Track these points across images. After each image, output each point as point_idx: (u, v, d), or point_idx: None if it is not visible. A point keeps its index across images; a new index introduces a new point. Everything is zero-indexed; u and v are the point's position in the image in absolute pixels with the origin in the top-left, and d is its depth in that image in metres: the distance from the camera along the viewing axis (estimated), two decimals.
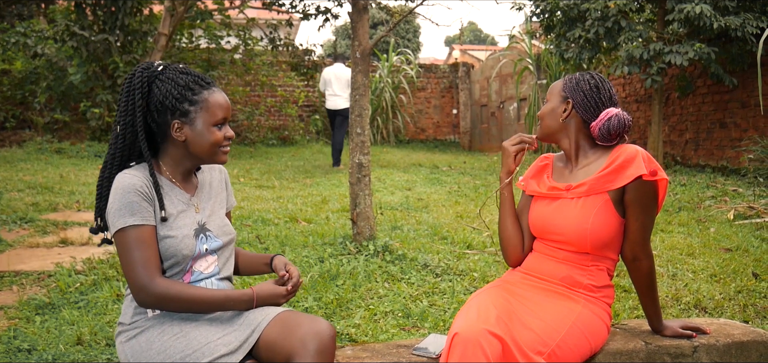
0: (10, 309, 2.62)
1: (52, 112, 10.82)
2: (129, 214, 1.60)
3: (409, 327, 2.50)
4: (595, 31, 7.75)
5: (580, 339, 1.76)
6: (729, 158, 8.14)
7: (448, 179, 7.90)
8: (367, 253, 3.55)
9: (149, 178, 1.67)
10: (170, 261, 1.66)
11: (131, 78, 1.69)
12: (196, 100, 1.68)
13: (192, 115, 1.68)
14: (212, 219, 1.78)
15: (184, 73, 1.71)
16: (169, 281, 1.60)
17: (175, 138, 1.69)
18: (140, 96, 1.66)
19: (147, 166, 1.70)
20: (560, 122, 1.94)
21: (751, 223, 4.73)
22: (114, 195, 1.62)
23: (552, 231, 1.90)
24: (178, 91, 1.67)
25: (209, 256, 1.74)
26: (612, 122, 1.85)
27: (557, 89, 1.96)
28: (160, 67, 1.72)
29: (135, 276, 1.57)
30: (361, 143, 3.72)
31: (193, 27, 11.97)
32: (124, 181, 1.63)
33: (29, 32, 10.32)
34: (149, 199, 1.64)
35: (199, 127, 1.68)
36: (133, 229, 1.59)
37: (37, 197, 5.41)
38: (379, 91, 15.13)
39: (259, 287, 1.68)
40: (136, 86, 1.67)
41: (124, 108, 1.68)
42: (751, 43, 7.10)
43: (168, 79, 1.69)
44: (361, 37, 3.78)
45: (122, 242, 1.59)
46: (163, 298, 1.57)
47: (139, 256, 1.58)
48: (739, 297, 2.98)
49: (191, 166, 1.77)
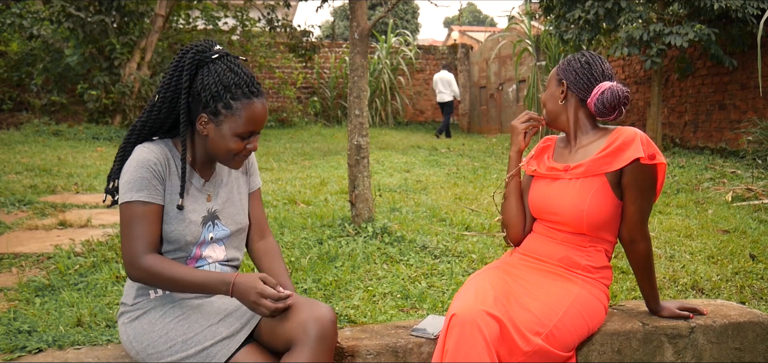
0: (10, 291, 2.63)
1: (49, 94, 10.77)
2: (137, 189, 1.59)
3: (408, 308, 2.52)
4: (594, 11, 7.71)
5: (577, 320, 1.77)
6: (728, 140, 8.14)
7: (446, 161, 7.90)
8: (365, 234, 3.55)
9: (167, 155, 1.66)
10: (173, 244, 1.67)
11: (183, 54, 1.65)
12: (231, 104, 1.62)
13: (221, 117, 1.63)
14: (226, 207, 1.77)
15: (234, 72, 1.63)
16: (158, 258, 1.59)
17: (198, 128, 1.67)
18: (187, 77, 1.62)
19: (169, 142, 1.69)
20: (559, 105, 1.94)
21: (749, 205, 4.74)
22: (129, 165, 1.62)
23: (550, 211, 1.90)
24: (217, 89, 1.61)
25: (215, 244, 1.74)
26: (605, 95, 1.84)
27: (553, 74, 1.98)
28: (216, 55, 1.65)
29: (128, 248, 1.58)
30: (359, 125, 3.71)
31: (190, 8, 11.88)
32: (142, 154, 1.62)
33: (25, 13, 10.24)
34: (160, 178, 1.63)
35: (223, 130, 1.64)
36: (139, 204, 1.59)
37: (35, 179, 5.39)
38: (378, 73, 15.06)
39: (240, 278, 1.57)
40: (185, 65, 1.63)
41: (169, 83, 1.65)
42: (751, 24, 7.07)
43: (215, 71, 1.62)
44: (360, 18, 3.75)
45: (126, 214, 1.60)
46: (148, 274, 1.57)
47: (138, 230, 1.58)
48: (736, 278, 3.00)
49: (211, 159, 1.75)
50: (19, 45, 11.04)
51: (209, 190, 1.75)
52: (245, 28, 12.36)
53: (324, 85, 15.24)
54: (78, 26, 9.67)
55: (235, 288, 1.56)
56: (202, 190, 1.74)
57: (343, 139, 10.64)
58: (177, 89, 1.64)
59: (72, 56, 10.23)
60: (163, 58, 11.29)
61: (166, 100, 1.65)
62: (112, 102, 10.30)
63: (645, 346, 1.96)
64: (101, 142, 9.11)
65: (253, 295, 1.54)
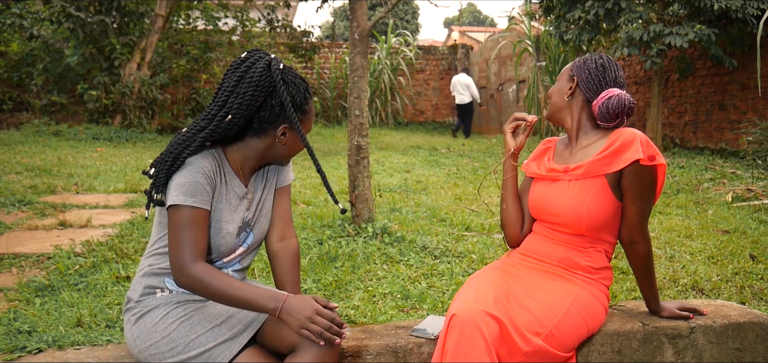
0: (10, 291, 2.63)
1: (49, 94, 10.77)
2: (191, 193, 1.58)
3: (408, 308, 2.52)
4: (594, 12, 7.71)
5: (577, 320, 1.77)
6: (728, 140, 8.14)
7: (446, 161, 7.90)
8: (365, 235, 3.55)
9: (219, 162, 1.67)
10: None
11: (261, 72, 1.64)
12: (306, 109, 1.71)
13: (299, 123, 1.68)
14: (261, 213, 1.78)
15: (299, 77, 1.70)
16: (207, 268, 1.56)
17: (277, 139, 1.68)
18: (285, 92, 1.64)
19: (220, 150, 1.69)
20: (565, 100, 1.94)
21: (749, 206, 4.74)
22: (185, 167, 1.60)
23: (549, 212, 1.90)
24: (300, 98, 1.68)
25: (240, 247, 1.74)
26: (611, 102, 1.84)
27: (567, 69, 1.99)
28: (281, 65, 1.67)
29: (178, 253, 1.55)
30: (359, 125, 3.71)
31: (190, 8, 11.88)
32: (197, 159, 1.62)
33: (25, 13, 10.24)
34: (213, 184, 1.63)
35: (300, 135, 1.69)
36: (190, 209, 1.58)
37: (35, 180, 5.40)
38: (378, 73, 15.07)
39: (292, 298, 1.54)
40: (268, 83, 1.63)
41: (248, 101, 1.62)
42: (751, 24, 7.07)
43: (291, 82, 1.67)
44: (360, 18, 3.75)
45: (176, 217, 1.57)
46: (198, 282, 1.55)
47: (187, 236, 1.56)
48: (736, 279, 3.00)
49: (262, 164, 1.76)
50: (19, 45, 11.04)
51: (249, 197, 1.75)
52: (245, 29, 12.36)
53: (324, 86, 15.24)
54: (78, 26, 9.67)
55: (286, 306, 1.53)
56: (244, 197, 1.74)
57: (343, 140, 10.64)
58: (254, 104, 1.63)
59: (72, 56, 10.23)
60: (163, 58, 11.29)
61: (242, 117, 1.64)
62: (112, 102, 10.30)
63: (645, 346, 1.95)
64: (101, 142, 9.11)
65: (309, 310, 1.51)
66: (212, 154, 1.66)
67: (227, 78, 1.66)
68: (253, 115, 1.67)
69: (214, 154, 1.67)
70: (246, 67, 1.65)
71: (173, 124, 11.55)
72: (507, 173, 2.04)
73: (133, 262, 3.03)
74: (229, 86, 1.65)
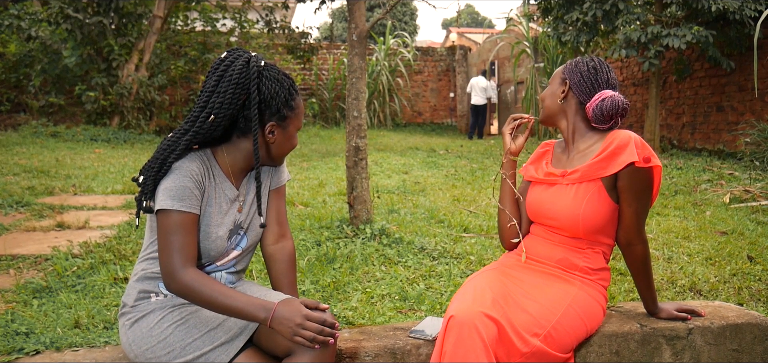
0: (7, 292, 2.62)
1: (47, 95, 10.76)
2: (179, 198, 1.56)
3: (406, 310, 2.51)
4: (593, 13, 7.72)
5: (575, 321, 1.77)
6: (725, 142, 8.16)
7: (445, 163, 7.90)
8: (364, 236, 3.55)
9: (207, 164, 1.65)
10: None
11: (240, 69, 1.62)
12: (293, 105, 1.69)
13: (287, 120, 1.68)
14: (255, 216, 1.76)
15: (283, 73, 1.69)
16: (199, 274, 1.55)
17: (265, 137, 1.67)
18: (255, 89, 1.62)
19: (208, 152, 1.68)
20: (558, 104, 1.94)
21: (747, 207, 4.75)
22: (173, 172, 1.59)
23: (547, 216, 1.91)
24: (285, 94, 1.66)
25: (233, 251, 1.73)
26: (605, 104, 1.84)
27: (558, 72, 1.98)
28: (262, 62, 1.66)
29: (168, 260, 1.54)
30: (357, 126, 3.71)
31: (188, 9, 11.88)
32: (185, 163, 1.60)
33: (23, 14, 10.23)
34: (201, 188, 1.62)
35: (289, 131, 1.69)
36: (178, 213, 1.56)
37: (33, 181, 5.39)
38: (376, 75, 15.08)
39: (281, 306, 1.51)
40: (249, 80, 1.62)
41: (229, 100, 1.61)
42: (749, 26, 7.08)
43: (274, 78, 1.66)
44: (358, 19, 3.75)
45: (164, 223, 1.56)
46: (187, 289, 1.53)
47: (177, 241, 1.54)
48: (734, 280, 3.00)
49: (253, 166, 1.73)
50: (17, 46, 11.03)
51: (240, 200, 1.74)
52: (243, 30, 12.37)
53: (322, 87, 15.24)
54: (76, 28, 9.67)
55: (276, 316, 1.50)
56: (235, 200, 1.72)
57: (341, 141, 10.64)
58: (236, 103, 1.62)
59: (70, 58, 10.22)
60: (161, 59, 11.28)
61: (225, 117, 1.62)
62: (110, 103, 10.29)
63: (643, 347, 1.96)
64: (99, 143, 9.09)
65: (298, 317, 1.48)
66: (200, 157, 1.65)
67: (208, 78, 1.65)
68: (238, 115, 1.65)
69: (203, 157, 1.65)
70: (225, 66, 1.63)
71: (171, 125, 11.55)
72: (506, 175, 2.04)
73: (131, 263, 3.03)
74: (209, 86, 1.63)
